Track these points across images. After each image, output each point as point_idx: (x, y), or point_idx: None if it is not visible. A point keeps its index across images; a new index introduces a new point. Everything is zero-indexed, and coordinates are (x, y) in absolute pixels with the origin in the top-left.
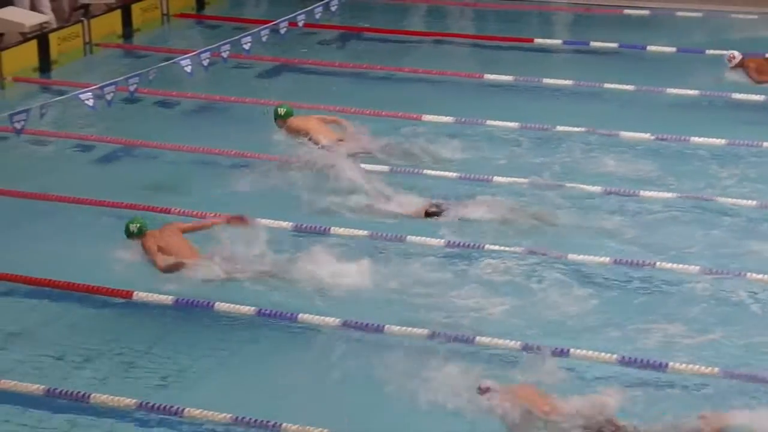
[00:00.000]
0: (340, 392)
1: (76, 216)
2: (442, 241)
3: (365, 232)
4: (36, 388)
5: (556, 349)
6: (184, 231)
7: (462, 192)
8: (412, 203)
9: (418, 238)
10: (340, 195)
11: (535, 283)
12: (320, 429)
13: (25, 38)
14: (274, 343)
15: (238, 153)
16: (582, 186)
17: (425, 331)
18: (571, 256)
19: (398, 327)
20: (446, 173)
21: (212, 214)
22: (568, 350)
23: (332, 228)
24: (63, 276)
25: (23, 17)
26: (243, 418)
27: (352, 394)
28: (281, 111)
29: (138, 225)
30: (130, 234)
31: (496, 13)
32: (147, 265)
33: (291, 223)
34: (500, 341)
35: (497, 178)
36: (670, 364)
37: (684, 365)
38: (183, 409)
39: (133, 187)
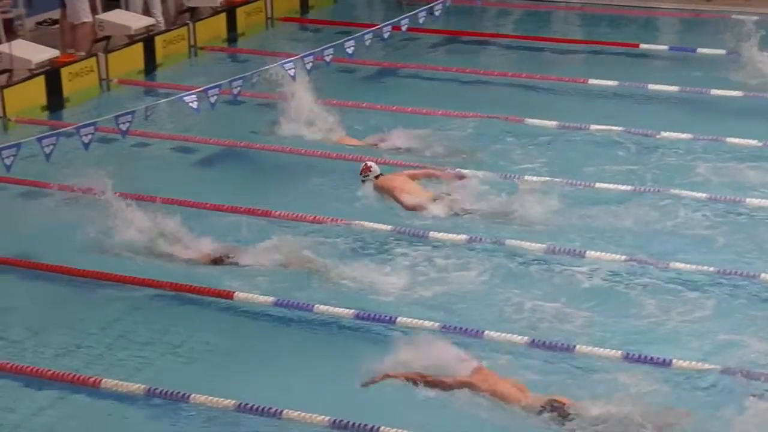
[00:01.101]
0: (437, 397)
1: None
2: (543, 245)
3: (464, 237)
4: (137, 387)
5: (656, 358)
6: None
7: (564, 197)
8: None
9: (517, 241)
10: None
11: (630, 290)
12: None
13: (131, 41)
14: (371, 346)
15: (339, 155)
16: (686, 192)
17: (525, 339)
18: (673, 264)
19: (497, 333)
20: (547, 178)
21: (311, 217)
22: (670, 361)
23: (430, 232)
24: (163, 276)
25: (130, 20)
26: (341, 420)
27: (448, 398)
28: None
29: None
30: None
31: (602, 17)
32: (244, 266)
33: (390, 227)
34: (599, 350)
35: (599, 185)
36: None
37: None
38: (281, 411)
39: (235, 188)
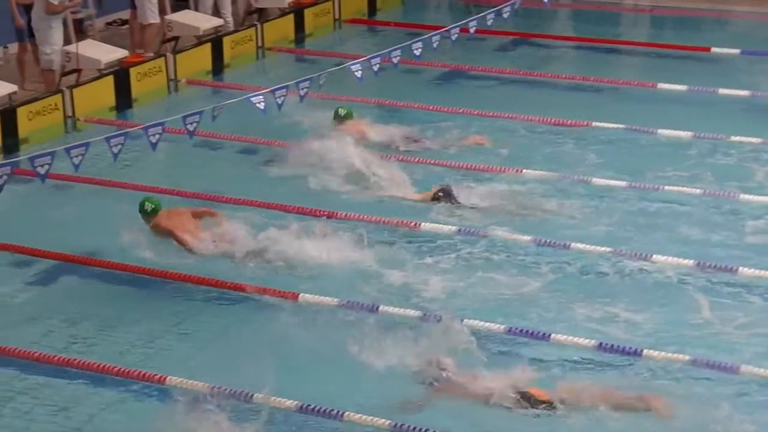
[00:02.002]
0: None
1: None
2: (610, 249)
3: (528, 238)
4: (201, 385)
5: (724, 364)
6: (195, 215)
7: (629, 200)
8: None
9: (581, 244)
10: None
11: (695, 294)
12: None
13: (199, 41)
14: (435, 347)
15: (403, 159)
16: (754, 197)
17: (592, 342)
18: (741, 270)
19: (564, 336)
20: (616, 182)
21: (374, 218)
22: (738, 367)
23: (493, 230)
24: (224, 276)
25: (198, 21)
26: (402, 425)
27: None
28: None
29: (153, 205)
30: (143, 212)
31: (673, 19)
32: (309, 266)
33: (455, 227)
34: (667, 355)
35: (668, 188)
36: None
37: None
38: (343, 413)
39: (302, 189)
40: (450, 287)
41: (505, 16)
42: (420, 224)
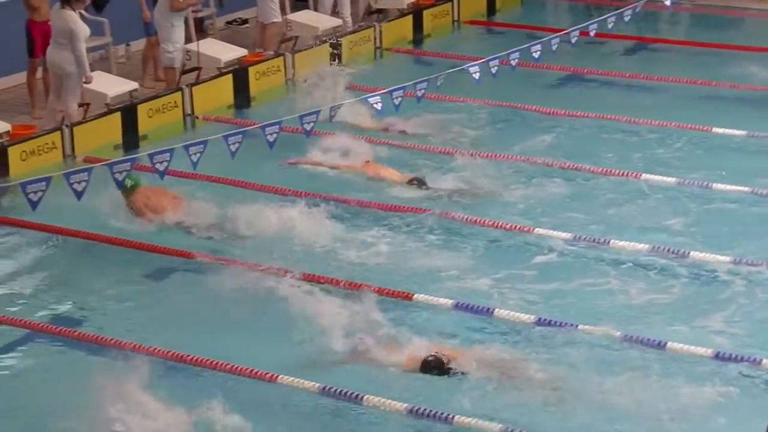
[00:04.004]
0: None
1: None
2: (728, 257)
3: (646, 246)
4: (311, 385)
5: None
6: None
7: (754, 207)
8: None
9: (702, 253)
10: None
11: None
12: None
13: (318, 42)
14: (552, 352)
15: (548, 161)
16: None
17: (710, 351)
18: None
19: (680, 345)
20: (738, 187)
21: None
22: None
23: (611, 241)
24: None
25: (318, 21)
26: (512, 429)
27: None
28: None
29: (132, 182)
30: (123, 188)
31: None
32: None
33: (569, 234)
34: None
35: None
36: None
37: None
38: (452, 417)
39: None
40: (558, 292)
41: (627, 19)
42: (534, 229)
